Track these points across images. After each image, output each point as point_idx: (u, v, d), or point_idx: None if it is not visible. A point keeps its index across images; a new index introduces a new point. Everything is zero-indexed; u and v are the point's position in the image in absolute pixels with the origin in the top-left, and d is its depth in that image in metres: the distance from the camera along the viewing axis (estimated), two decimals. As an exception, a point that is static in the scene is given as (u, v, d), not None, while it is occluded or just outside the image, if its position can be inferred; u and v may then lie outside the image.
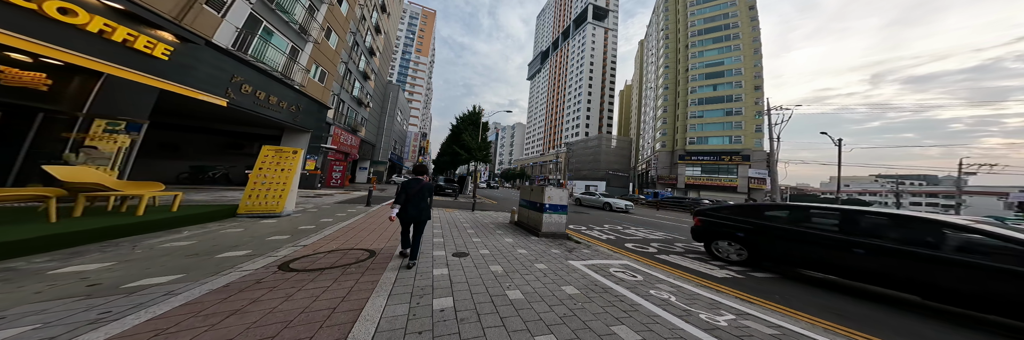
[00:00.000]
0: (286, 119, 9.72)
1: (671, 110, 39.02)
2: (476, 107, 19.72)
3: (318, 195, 9.93)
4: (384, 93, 28.97)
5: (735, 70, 32.98)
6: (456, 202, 12.25)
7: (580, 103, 64.50)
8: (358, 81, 19.87)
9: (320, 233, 4.22)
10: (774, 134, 17.58)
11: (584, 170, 50.35)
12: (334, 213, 6.20)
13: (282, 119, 9.51)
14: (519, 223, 6.59)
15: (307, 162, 11.39)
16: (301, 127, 10.80)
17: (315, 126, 11.86)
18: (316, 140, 12.20)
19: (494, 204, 13.31)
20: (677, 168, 35.33)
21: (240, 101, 7.58)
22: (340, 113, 16.87)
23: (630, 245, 5.62)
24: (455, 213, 8.40)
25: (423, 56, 66.47)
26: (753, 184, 29.55)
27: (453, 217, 7.52)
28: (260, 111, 8.39)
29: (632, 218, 11.42)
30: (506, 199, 18.37)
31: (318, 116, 12.17)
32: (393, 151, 31.46)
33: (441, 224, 6.14)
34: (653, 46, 53.60)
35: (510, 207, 15.06)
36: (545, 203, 5.31)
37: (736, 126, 31.46)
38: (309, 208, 6.61)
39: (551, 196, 5.38)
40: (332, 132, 14.73)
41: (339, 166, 15.56)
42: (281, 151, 5.23)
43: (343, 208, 7.20)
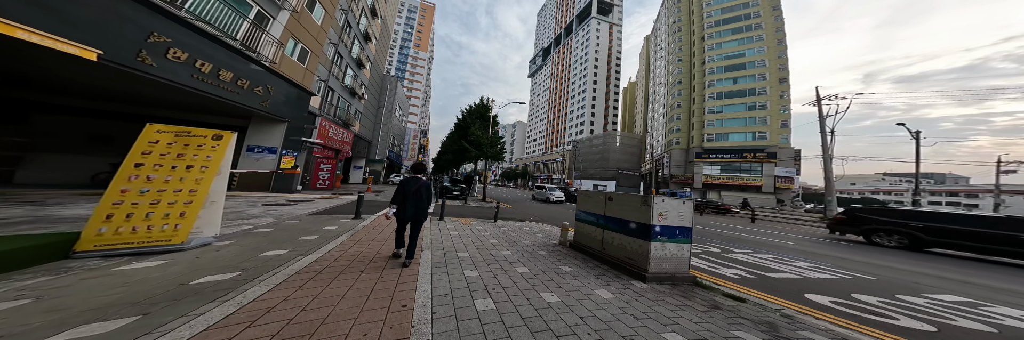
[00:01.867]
0: (249, 103, 7.45)
1: (685, 105, 36.90)
2: (484, 99, 17.47)
3: (292, 201, 7.68)
4: (381, 85, 26.66)
5: (758, 62, 30.85)
6: (468, 208, 10.04)
7: (584, 100, 62.48)
8: (351, 68, 17.57)
9: (217, 309, 1.95)
10: (826, 127, 15.49)
11: (591, 169, 48.25)
12: (296, 236, 3.96)
13: (242, 103, 7.23)
14: (580, 247, 4.39)
15: (283, 159, 9.14)
16: (273, 115, 8.53)
17: (293, 115, 9.60)
18: (295, 132, 9.93)
19: (509, 209, 11.11)
20: (693, 167, 33.25)
21: (164, 70, 5.30)
22: (329, 103, 14.59)
23: (815, 298, 3.18)
24: (475, 226, 6.19)
25: (422, 51, 64.18)
26: (780, 183, 27.49)
27: (476, 233, 5.31)
28: (203, 89, 6.11)
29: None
30: (517, 200, 16.20)
31: (298, 104, 9.91)
32: (391, 149, 29.17)
33: (467, 250, 3.94)
34: (662, 40, 51.46)
35: (526, 210, 12.94)
36: (654, 224, 3.06)
37: (760, 121, 29.35)
38: (259, 227, 4.37)
39: (665, 212, 3.09)
40: (318, 124, 12.46)
41: (327, 164, 13.30)
42: (188, 136, 2.96)
43: (316, 224, 4.97)
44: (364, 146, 23.42)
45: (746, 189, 29.42)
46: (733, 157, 30.25)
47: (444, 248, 3.98)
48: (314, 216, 5.71)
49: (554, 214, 10.46)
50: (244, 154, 8.52)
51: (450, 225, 6.10)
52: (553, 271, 3.24)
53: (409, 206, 2.99)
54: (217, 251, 2.93)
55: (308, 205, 7.18)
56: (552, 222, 8.10)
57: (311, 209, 6.57)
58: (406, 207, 2.99)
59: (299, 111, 10.08)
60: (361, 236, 4.29)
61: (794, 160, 27.84)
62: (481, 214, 8.68)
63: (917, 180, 15.48)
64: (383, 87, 26.89)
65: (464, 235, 5.07)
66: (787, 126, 28.66)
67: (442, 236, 4.84)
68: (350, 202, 8.58)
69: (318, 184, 12.92)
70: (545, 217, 9.23)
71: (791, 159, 27.88)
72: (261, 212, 5.58)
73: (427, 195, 3.11)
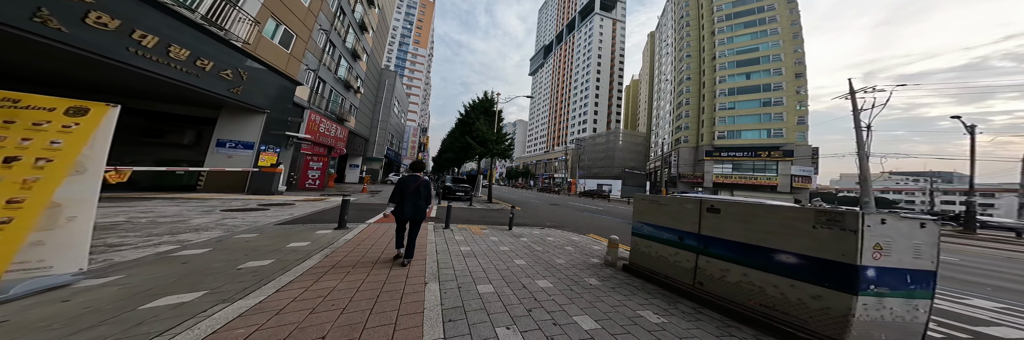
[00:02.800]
0: (213, 89, 6.23)
1: (694, 102, 35.62)
2: (488, 93, 16.21)
3: (267, 205, 6.45)
4: (379, 80, 25.40)
5: (772, 56, 29.54)
6: (475, 211, 8.82)
7: (587, 98, 61.31)
8: (345, 59, 16.32)
9: None
10: (862, 123, 14.25)
11: (595, 168, 47.11)
12: (235, 264, 2.67)
13: (203, 88, 6.01)
14: (641, 271, 3.15)
15: (262, 155, 7.91)
16: (247, 104, 7.31)
17: (274, 106, 8.37)
18: (277, 126, 8.71)
19: (518, 210, 9.85)
20: (703, 165, 32.03)
21: (83, 40, 4.05)
22: (320, 96, 13.35)
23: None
24: (490, 236, 4.99)
25: (422, 48, 62.93)
26: (797, 183, 26.27)
27: (493, 247, 4.10)
28: (146, 67, 4.88)
29: None
30: (523, 201, 14.91)
31: (280, 93, 8.69)
32: (390, 147, 27.94)
33: (490, 279, 2.72)
34: (669, 36, 50.12)
35: (537, 213, 11.68)
36: (865, 265, 1.65)
37: (776, 118, 28.09)
38: (188, 246, 3.09)
39: (887, 243, 1.69)
40: (307, 118, 11.24)
41: (317, 162, 12.08)
42: (13, 106, 1.69)
43: (281, 240, 3.74)
44: (360, 143, 22.20)
45: (760, 189, 28.22)
46: (746, 155, 29.02)
47: (457, 277, 2.77)
48: (284, 226, 4.48)
49: (570, 218, 9.25)
50: (213, 149, 7.30)
51: (459, 235, 4.89)
52: (634, 322, 2.02)
53: (408, 205, 2.95)
54: (63, 301, 1.70)
55: (285, 210, 5.96)
56: (572, 228, 6.90)
57: (286, 216, 5.35)
58: (404, 206, 2.95)
59: (282, 102, 8.85)
60: (340, 258, 3.07)
61: (812, 158, 26.62)
62: (491, 219, 7.47)
63: (972, 179, 14.24)
64: (381, 82, 25.63)
65: (479, 251, 3.86)
66: (804, 123, 27.41)
67: (451, 254, 3.63)
68: (338, 206, 7.37)
69: (307, 184, 11.70)
70: (562, 222, 8.03)
71: (808, 157, 26.66)
72: (212, 222, 4.34)
73: (426, 194, 3.04)
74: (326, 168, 12.36)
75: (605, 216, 10.35)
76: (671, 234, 2.86)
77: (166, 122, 7.79)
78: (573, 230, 6.79)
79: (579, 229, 7.02)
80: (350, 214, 6.18)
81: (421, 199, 3.02)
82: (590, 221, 8.73)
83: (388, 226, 5.19)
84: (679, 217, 2.79)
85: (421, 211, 3.02)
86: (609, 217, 10.15)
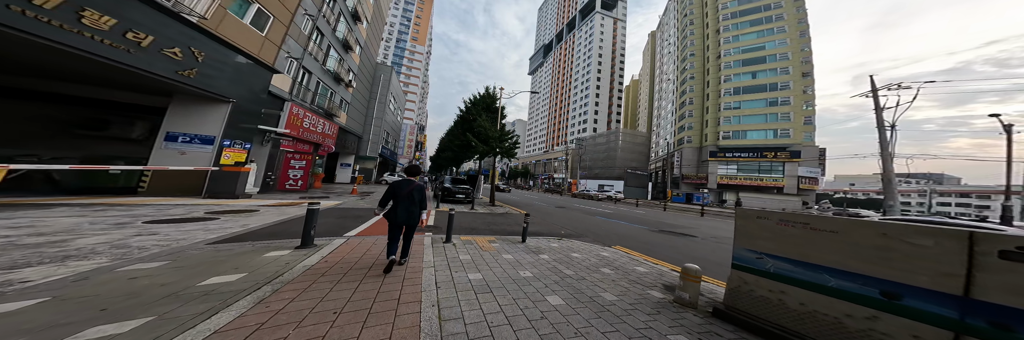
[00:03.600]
0: (154, 70, 5.06)
1: (698, 102, 34.90)
2: (490, 88, 15.10)
3: (218, 212, 5.28)
4: (374, 74, 24.13)
5: (780, 55, 28.86)
6: (478, 216, 7.72)
7: (587, 97, 60.63)
8: (335, 50, 15.09)
9: None
10: (884, 121, 13.44)
11: (597, 168, 46.29)
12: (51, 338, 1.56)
13: (142, 68, 4.84)
14: (751, 322, 2.09)
15: (226, 152, 6.72)
16: (206, 91, 6.12)
17: (244, 96, 7.19)
18: (247, 118, 7.52)
19: (526, 215, 8.64)
20: (707, 166, 31.30)
21: None
22: (305, 87, 12.13)
23: None
24: (503, 254, 3.92)
25: (420, 45, 61.63)
26: (804, 184, 25.58)
27: (510, 273, 3.03)
28: (42, 34, 3.70)
29: None
30: (526, 202, 13.73)
31: (252, 81, 7.50)
32: (385, 145, 26.65)
33: (517, 338, 1.59)
34: (671, 35, 49.51)
35: (548, 218, 10.27)
36: None
37: (783, 118, 27.39)
38: (6, 296, 1.98)
39: None
40: (288, 111, 10.04)
41: (300, 161, 10.87)
42: None
43: (201, 269, 2.61)
44: (353, 141, 20.95)
45: (766, 190, 27.53)
46: (752, 156, 28.31)
47: (468, 333, 1.69)
48: (220, 247, 3.32)
49: (583, 223, 8.18)
50: (161, 144, 6.10)
51: (464, 252, 3.82)
52: None
53: (400, 210, 2.87)
54: None
55: (239, 220, 4.80)
56: (591, 237, 5.85)
57: (235, 229, 4.19)
58: (397, 211, 2.87)
59: (254, 91, 7.66)
60: (283, 304, 1.95)
61: (819, 159, 25.98)
62: (499, 227, 6.39)
63: (1009, 180, 13.49)
64: (376, 77, 24.36)
65: (494, 280, 2.79)
66: (811, 123, 26.75)
67: (457, 285, 2.57)
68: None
69: (288, 185, 10.49)
70: (578, 229, 6.96)
71: (816, 158, 26.01)
72: (110, 242, 3.14)
73: (420, 198, 2.96)
74: (310, 167, 11.15)
75: (619, 221, 9.33)
76: (857, 284, 1.72)
77: (109, 112, 6.54)
78: (594, 240, 5.75)
79: (600, 238, 5.98)
80: (328, 222, 5.17)
81: (415, 204, 2.93)
82: (606, 227, 7.70)
83: (374, 241, 4.09)
84: (889, 258, 1.63)
85: (415, 217, 2.95)
86: (623, 222, 9.14)
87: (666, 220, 11.15)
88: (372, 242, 4.08)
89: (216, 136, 6.58)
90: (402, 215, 2.85)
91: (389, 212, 2.89)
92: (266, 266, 2.72)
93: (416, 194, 2.94)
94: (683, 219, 12.23)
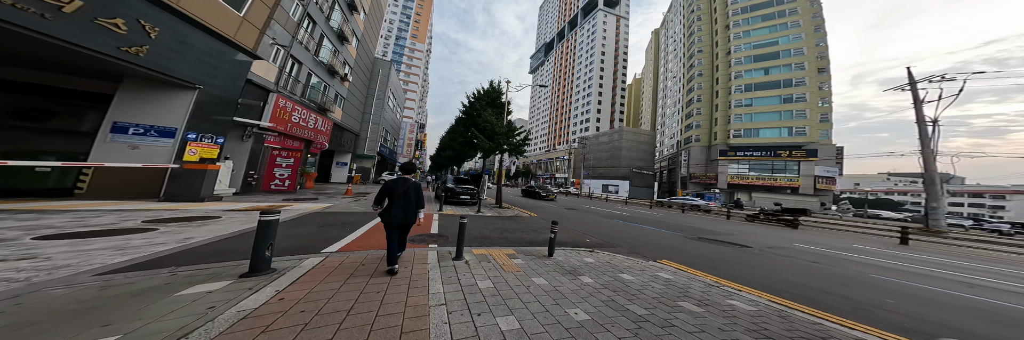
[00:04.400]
0: (90, 45, 4.07)
1: (707, 99, 33.86)
2: (494, 83, 14.07)
3: (156, 222, 4.24)
4: (372, 69, 23.10)
5: (794, 50, 27.80)
6: (487, 220, 6.67)
7: (590, 96, 59.68)
8: (330, 40, 14.06)
9: None
10: (925, 116, 12.40)
11: (601, 168, 45.27)
12: None
13: (69, 40, 3.81)
14: None
15: (190, 146, 5.68)
16: (163, 74, 5.08)
17: (214, 82, 6.15)
18: (220, 109, 6.48)
19: (535, 217, 7.60)
20: (717, 165, 30.26)
21: None
22: (293, 78, 11.10)
23: None
24: (527, 271, 2.90)
25: (420, 43, 60.66)
26: (821, 184, 24.53)
27: (554, 315, 1.89)
28: None
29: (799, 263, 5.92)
30: (535, 205, 12.19)
31: (225, 67, 6.47)
32: (383, 143, 25.63)
33: None
34: (677, 32, 48.55)
35: (566, 222, 8.96)
36: None
37: (798, 115, 26.33)
38: None
39: None
40: (273, 103, 9.01)
41: (287, 158, 9.84)
42: None
43: (50, 325, 1.55)
44: (350, 139, 19.92)
45: (779, 190, 26.48)
46: (765, 155, 27.26)
47: None
48: (114, 278, 2.27)
49: (604, 228, 7.14)
50: (106, 137, 5.07)
51: (483, 276, 2.81)
52: None
53: (396, 209, 2.80)
54: None
55: (184, 232, 3.76)
56: (626, 248, 4.80)
57: (170, 246, 3.16)
58: (392, 210, 2.79)
59: (229, 79, 6.62)
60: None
61: (836, 158, 24.92)
62: (513, 234, 5.35)
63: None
64: (374, 72, 23.33)
65: (536, 329, 1.77)
66: (828, 120, 25.70)
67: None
68: (298, 217, 5.15)
69: (273, 185, 9.46)
70: (604, 236, 5.92)
71: (833, 157, 24.96)
72: None
73: (416, 197, 2.91)
74: (300, 165, 10.11)
75: (643, 225, 8.28)
76: None
77: (51, 100, 5.49)
78: (630, 251, 4.72)
79: (636, 249, 4.93)
80: (304, 233, 4.03)
81: (410, 203, 2.86)
82: (633, 233, 6.65)
83: (363, 258, 3.07)
84: None
85: (412, 215, 2.87)
86: (649, 226, 8.09)
87: (695, 224, 10.09)
88: (361, 260, 3.06)
89: (178, 128, 5.55)
90: (397, 215, 2.77)
91: (384, 212, 2.80)
92: (167, 316, 1.68)
93: (412, 193, 2.85)
94: (713, 223, 11.15)
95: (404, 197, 2.81)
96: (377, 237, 4.37)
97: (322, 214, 5.91)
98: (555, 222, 4.04)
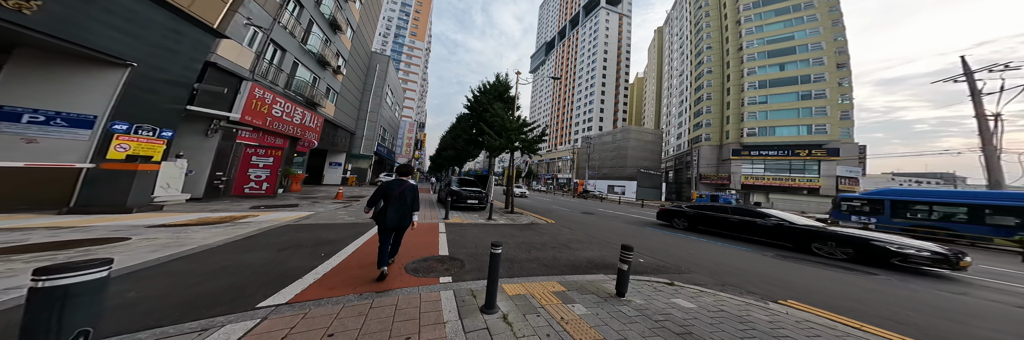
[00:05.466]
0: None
1: (717, 97, 32.64)
2: (501, 76, 12.74)
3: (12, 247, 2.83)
4: (368, 64, 21.74)
5: (812, 45, 26.58)
6: (502, 231, 5.27)
7: (592, 94, 58.64)
8: (320, 28, 12.72)
9: None
10: (985, 110, 11.11)
11: (606, 168, 43.97)
12: None
13: None
14: None
15: (119, 140, 4.29)
16: (76, 45, 3.68)
17: (157, 62, 4.77)
18: (170, 95, 5.09)
19: (553, 224, 6.17)
20: (729, 165, 28.98)
21: None
22: (275, 66, 9.72)
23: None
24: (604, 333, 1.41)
25: (419, 41, 59.47)
26: (844, 185, 23.26)
27: None
28: None
29: None
30: (546, 209, 10.55)
31: (175, 42, 5.08)
32: (381, 143, 24.24)
33: None
34: (683, 28, 47.45)
35: (578, 226, 7.37)
36: None
37: (818, 112, 25.06)
38: None
39: None
40: (247, 93, 7.63)
41: (266, 157, 8.46)
42: None
43: None
44: (344, 137, 18.53)
45: (797, 191, 25.19)
46: (782, 154, 25.99)
47: None
48: None
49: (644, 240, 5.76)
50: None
51: None
52: None
53: (391, 212, 2.72)
54: None
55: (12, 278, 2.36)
56: (701, 272, 3.38)
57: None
58: (387, 212, 2.72)
59: (179, 58, 5.23)
60: None
61: (859, 157, 23.67)
62: (544, 252, 3.97)
63: None
64: (371, 66, 21.97)
65: None
66: (849, 117, 24.45)
67: None
68: (240, 240, 3.74)
69: (247, 189, 8.06)
70: (652, 253, 4.55)
71: (855, 156, 23.70)
72: None
73: (412, 199, 2.85)
74: (280, 165, 8.72)
75: (687, 235, 6.91)
76: None
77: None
78: (719, 282, 3.33)
79: (721, 277, 3.51)
80: (253, 262, 2.62)
81: (406, 205, 2.79)
82: (689, 249, 5.27)
83: (333, 315, 1.69)
84: None
85: (407, 218, 2.80)
86: (698, 238, 6.71)
87: None
88: (328, 322, 1.70)
89: (98, 116, 4.16)
90: (392, 217, 2.71)
91: (378, 214, 2.75)
92: None
93: (408, 195, 2.81)
94: None
95: (400, 199, 2.74)
96: (365, 268, 3.00)
97: (293, 228, 4.52)
98: (628, 248, 2.66)
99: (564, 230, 6.79)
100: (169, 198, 5.17)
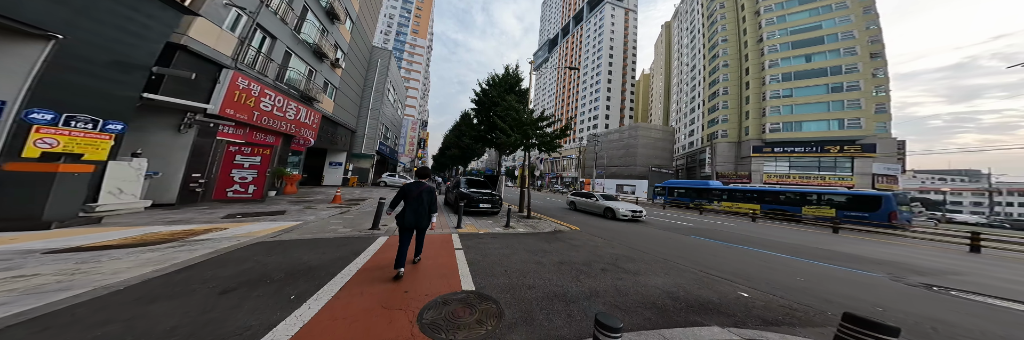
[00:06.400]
0: None
1: (734, 91, 30.99)
2: (510, 68, 11.57)
3: None
4: (369, 59, 20.76)
5: (842, 34, 24.79)
6: (525, 244, 4.12)
7: (598, 92, 57.23)
8: (316, 16, 11.72)
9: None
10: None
11: (614, 167, 42.51)
12: None
13: None
14: None
15: (36, 133, 3.23)
16: None
17: (92, 37, 3.71)
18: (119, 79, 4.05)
19: (575, 230, 4.96)
20: (749, 163, 27.37)
21: None
22: (263, 55, 8.71)
23: None
24: None
25: (421, 39, 58.69)
26: (881, 184, 21.55)
27: None
28: None
29: None
30: (562, 215, 9.18)
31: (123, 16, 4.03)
32: (384, 141, 23.29)
33: None
34: (693, 21, 45.65)
35: (611, 235, 5.97)
36: None
37: (851, 105, 23.33)
38: None
39: None
40: (228, 83, 6.61)
41: (253, 157, 7.45)
42: None
43: None
44: (345, 136, 17.58)
45: (826, 191, 23.51)
46: (810, 150, 24.31)
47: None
48: None
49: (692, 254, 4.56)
50: None
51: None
52: None
53: (408, 212, 2.89)
54: None
55: None
56: (816, 320, 2.24)
57: None
58: (406, 213, 2.89)
59: (130, 34, 4.19)
60: None
61: (898, 154, 21.93)
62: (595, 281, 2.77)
63: None
64: (372, 61, 20.99)
65: None
66: (885, 111, 22.69)
67: None
68: (173, 272, 2.66)
69: (231, 192, 7.05)
70: (758, 281, 3.38)
71: (893, 153, 21.96)
72: None
73: (429, 200, 2.99)
74: (268, 165, 7.70)
75: (747, 247, 5.66)
76: None
77: None
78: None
79: (830, 322, 2.32)
80: (190, 308, 1.62)
81: (424, 206, 2.94)
82: (780, 269, 4.07)
83: None
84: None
85: (425, 218, 2.95)
86: (762, 249, 5.46)
87: (823, 245, 6.71)
88: None
89: (7, 101, 3.13)
90: (410, 218, 2.85)
91: (399, 216, 2.90)
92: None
93: (425, 196, 2.94)
94: (847, 243, 7.32)
95: (417, 200, 2.87)
96: (361, 318, 1.88)
97: (265, 248, 3.44)
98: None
99: (597, 239, 5.63)
100: (121, 206, 4.15)
